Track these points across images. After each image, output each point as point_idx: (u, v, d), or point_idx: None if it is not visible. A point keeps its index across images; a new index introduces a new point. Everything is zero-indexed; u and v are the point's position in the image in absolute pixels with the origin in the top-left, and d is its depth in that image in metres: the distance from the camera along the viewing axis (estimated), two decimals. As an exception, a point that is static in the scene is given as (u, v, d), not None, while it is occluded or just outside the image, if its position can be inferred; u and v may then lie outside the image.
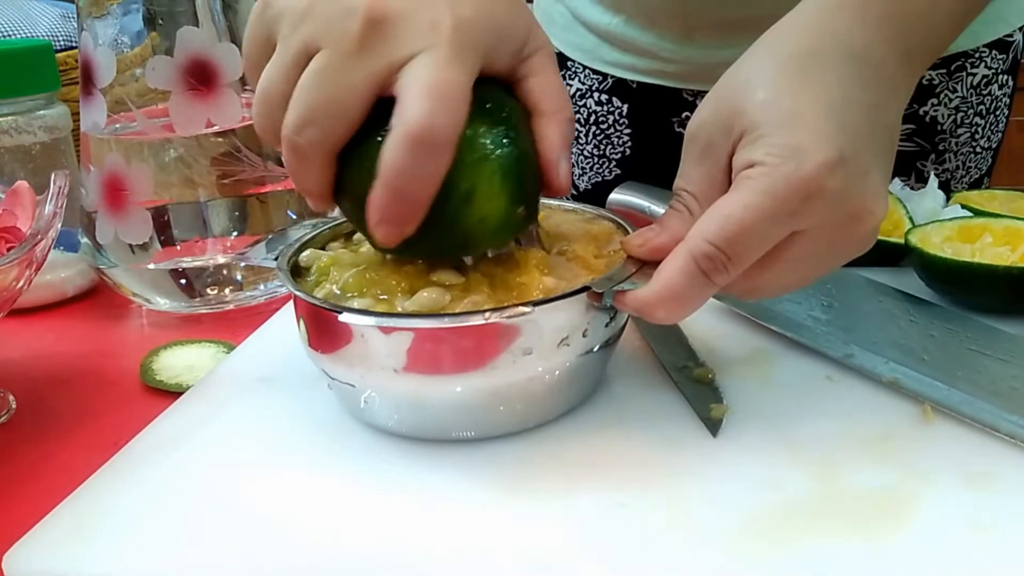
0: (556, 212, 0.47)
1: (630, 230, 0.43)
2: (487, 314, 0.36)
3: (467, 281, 0.39)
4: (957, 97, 0.73)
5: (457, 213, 0.37)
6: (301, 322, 0.41)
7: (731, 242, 0.35)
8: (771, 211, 0.35)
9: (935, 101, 0.73)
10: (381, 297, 0.39)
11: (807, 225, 0.36)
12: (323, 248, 0.45)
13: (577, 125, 0.82)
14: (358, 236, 0.46)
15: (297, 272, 0.43)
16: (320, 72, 0.35)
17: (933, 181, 0.62)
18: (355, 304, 0.39)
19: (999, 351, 0.44)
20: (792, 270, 0.38)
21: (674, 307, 0.37)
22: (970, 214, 0.57)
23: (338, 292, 0.40)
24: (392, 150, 0.34)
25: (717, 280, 0.36)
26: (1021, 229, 0.51)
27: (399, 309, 0.38)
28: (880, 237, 0.56)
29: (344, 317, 0.37)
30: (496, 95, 0.38)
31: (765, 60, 0.39)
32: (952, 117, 0.74)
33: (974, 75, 0.73)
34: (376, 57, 0.34)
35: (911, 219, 0.57)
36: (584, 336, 0.39)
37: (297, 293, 0.40)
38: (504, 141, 0.37)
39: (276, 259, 0.43)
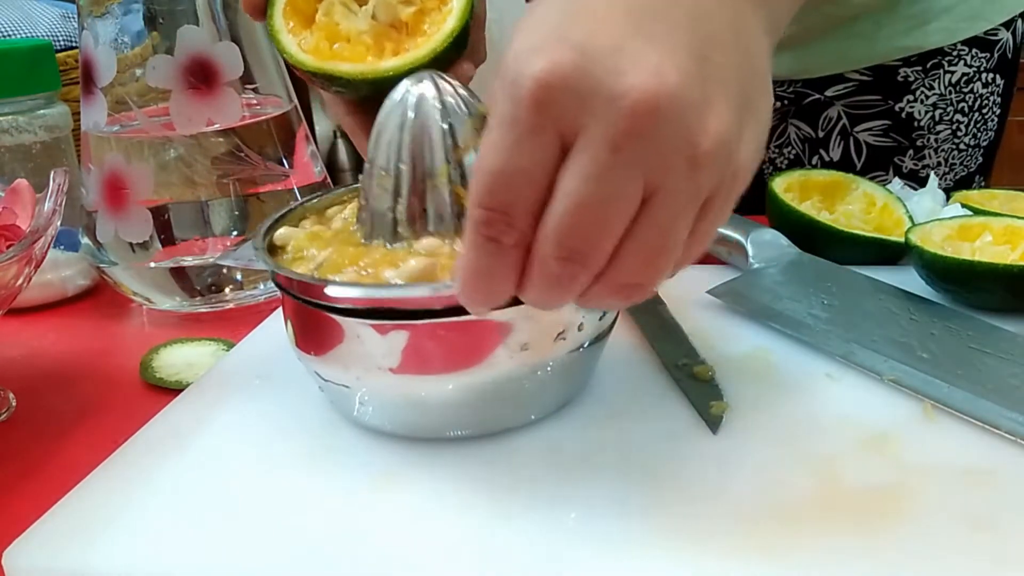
0: None
1: None
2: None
3: (454, 249, 0.38)
4: (934, 94, 0.74)
5: None
6: (289, 324, 0.41)
7: (492, 194, 0.29)
8: (510, 139, 0.29)
9: (911, 98, 0.74)
10: (367, 272, 0.38)
11: (569, 132, 0.28)
12: (296, 226, 0.44)
13: None
14: (330, 211, 0.46)
15: (272, 251, 0.42)
16: None
17: (933, 180, 0.62)
18: (338, 280, 0.37)
19: (999, 349, 0.44)
20: (607, 216, 0.29)
21: (481, 286, 0.31)
22: (970, 213, 0.57)
23: (315, 269, 0.39)
24: None
25: (507, 240, 0.30)
26: (1021, 228, 0.51)
27: (388, 281, 0.37)
28: (880, 236, 0.56)
29: (330, 290, 0.36)
30: None
31: None
32: (930, 114, 0.75)
33: (952, 72, 0.74)
34: None
35: (911, 218, 0.57)
36: (579, 330, 0.39)
37: (279, 270, 0.39)
38: None
39: (251, 259, 0.43)
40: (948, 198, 0.61)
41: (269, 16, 0.47)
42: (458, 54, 0.45)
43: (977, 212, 0.57)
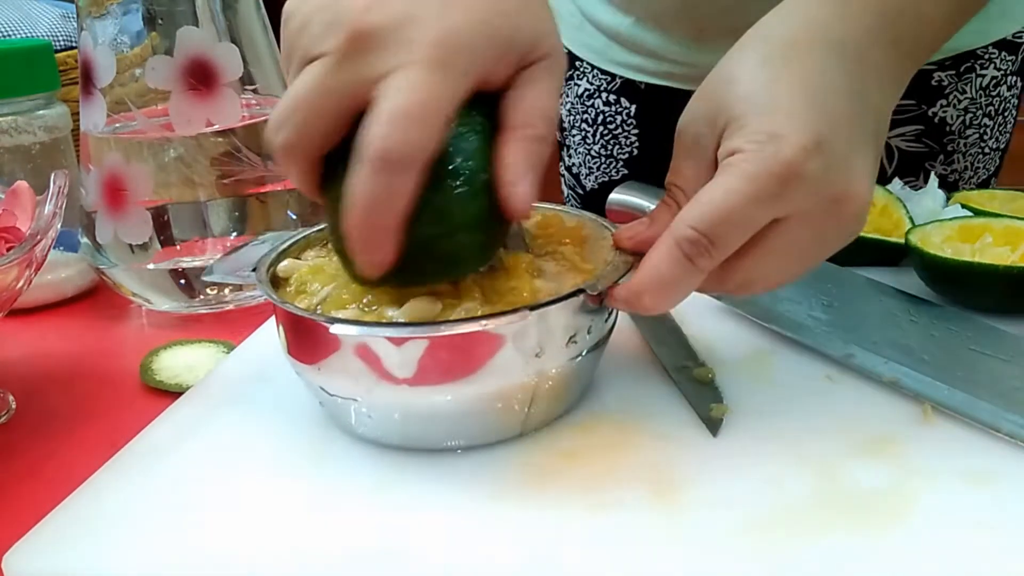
0: (535, 214, 0.46)
1: (610, 227, 0.43)
2: (484, 321, 0.36)
3: (456, 288, 0.38)
4: (966, 98, 0.73)
5: (433, 241, 0.36)
6: (284, 335, 0.40)
7: (712, 226, 0.35)
8: (750, 194, 0.35)
9: (944, 102, 0.73)
10: (370, 309, 0.38)
11: (789, 210, 0.36)
12: (298, 258, 0.44)
13: (584, 125, 0.82)
14: None
15: (276, 283, 0.42)
16: (303, 80, 0.35)
17: (933, 181, 0.62)
18: (340, 316, 0.38)
19: (999, 351, 0.44)
20: (781, 259, 0.38)
21: (660, 294, 0.37)
22: (970, 214, 0.57)
23: (319, 304, 0.39)
24: (354, 174, 0.33)
25: (701, 264, 0.36)
26: (1021, 229, 0.51)
27: (389, 319, 0.37)
28: (880, 237, 0.56)
29: (336, 328, 0.36)
30: (471, 114, 0.36)
31: (748, 53, 0.39)
32: (961, 118, 0.74)
33: (983, 76, 0.73)
34: (354, 71, 0.34)
35: (911, 219, 0.57)
36: (588, 333, 0.39)
37: (283, 305, 0.38)
38: (469, 166, 0.35)
39: (252, 272, 0.42)
40: (948, 199, 0.61)
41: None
42: None
43: (977, 213, 0.57)
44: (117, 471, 0.39)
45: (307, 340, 0.39)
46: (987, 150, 0.76)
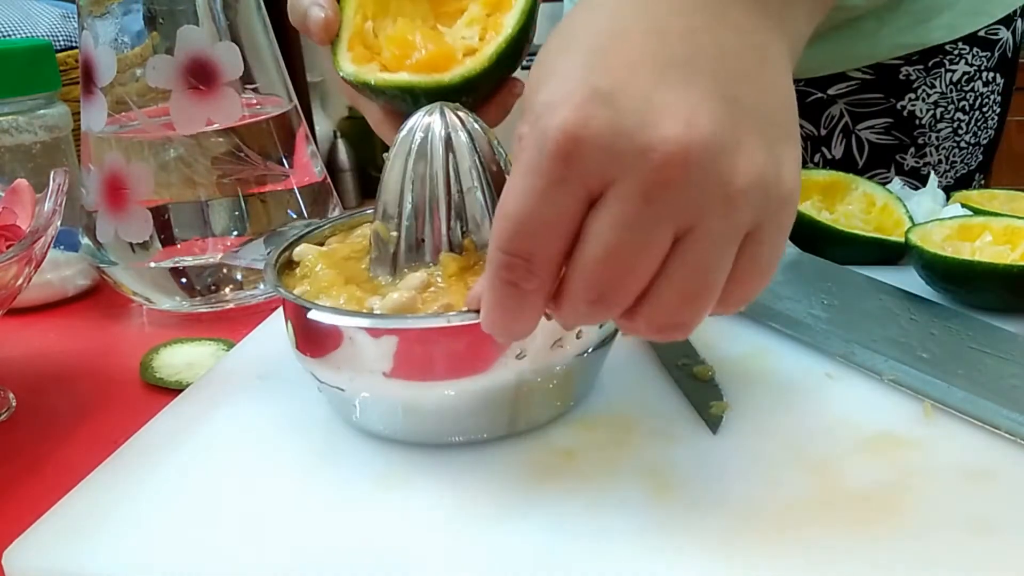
0: None
1: None
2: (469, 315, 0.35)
3: (442, 283, 0.39)
4: (936, 92, 0.75)
5: None
6: (289, 324, 0.41)
7: (514, 241, 0.29)
8: (536, 188, 0.29)
9: (912, 96, 0.75)
10: (359, 295, 0.39)
11: (597, 184, 0.28)
12: (321, 244, 0.45)
13: None
14: (358, 233, 0.46)
15: (291, 267, 0.43)
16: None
17: (933, 180, 0.62)
18: (327, 302, 0.38)
19: (999, 349, 0.44)
20: (654, 264, 0.29)
21: (505, 328, 0.32)
22: (970, 213, 0.57)
23: (308, 288, 0.40)
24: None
25: (528, 286, 0.30)
26: (1021, 228, 0.51)
27: (369, 309, 0.38)
28: (880, 236, 0.56)
29: (312, 315, 0.37)
30: None
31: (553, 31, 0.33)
32: (931, 112, 0.75)
33: (953, 71, 0.75)
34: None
35: (911, 218, 0.57)
36: (578, 338, 0.39)
37: (283, 293, 0.39)
38: None
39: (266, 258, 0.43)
40: (948, 198, 0.61)
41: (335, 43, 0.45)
42: (499, 75, 0.44)
43: (977, 212, 0.57)
44: (117, 468, 0.39)
45: (299, 325, 0.40)
46: (963, 144, 0.78)
